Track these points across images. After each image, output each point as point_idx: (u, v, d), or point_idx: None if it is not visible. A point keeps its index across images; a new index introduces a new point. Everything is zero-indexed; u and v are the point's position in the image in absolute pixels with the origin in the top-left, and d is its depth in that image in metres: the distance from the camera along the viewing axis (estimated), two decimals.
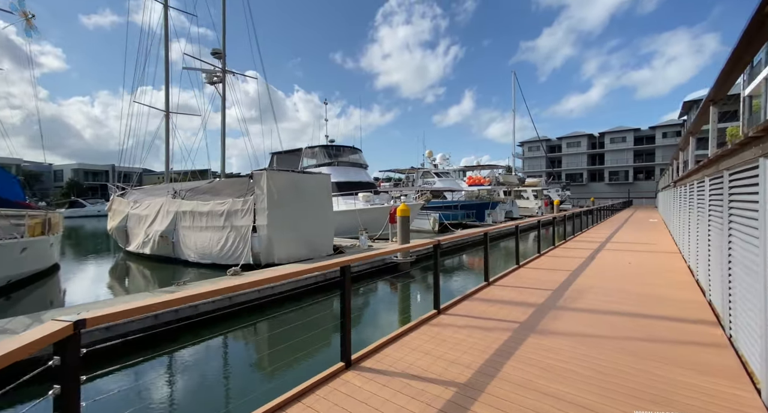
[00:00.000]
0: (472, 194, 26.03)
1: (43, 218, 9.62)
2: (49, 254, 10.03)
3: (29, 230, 8.45)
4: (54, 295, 8.75)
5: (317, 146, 17.65)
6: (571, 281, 5.74)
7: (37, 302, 7.98)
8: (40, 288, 8.84)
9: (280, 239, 9.39)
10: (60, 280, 10.02)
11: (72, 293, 8.92)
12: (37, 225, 8.87)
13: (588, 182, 58.29)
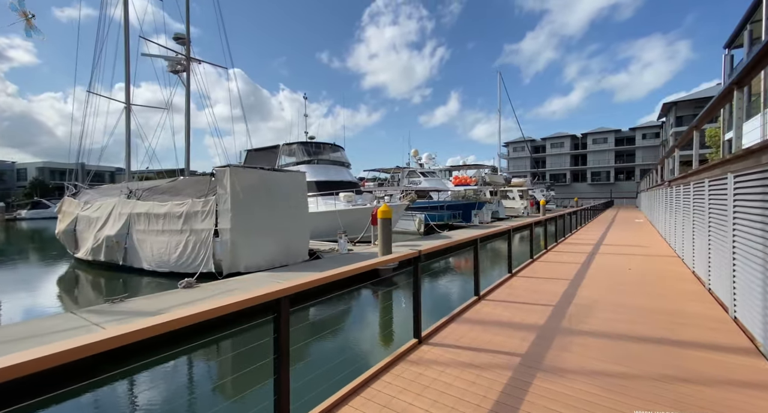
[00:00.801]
0: (458, 195, 25.47)
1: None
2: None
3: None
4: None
5: (295, 142, 16.59)
6: (571, 294, 5.00)
7: None
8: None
9: (246, 244, 8.36)
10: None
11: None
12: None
13: (571, 182, 58.96)
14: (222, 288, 6.43)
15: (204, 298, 5.82)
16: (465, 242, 4.53)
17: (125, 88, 14.45)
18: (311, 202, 15.07)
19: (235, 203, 8.30)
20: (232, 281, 7.11)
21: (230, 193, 8.26)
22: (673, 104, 38.43)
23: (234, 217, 8.26)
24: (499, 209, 27.80)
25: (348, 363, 4.66)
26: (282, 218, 9.24)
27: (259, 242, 8.60)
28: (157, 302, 5.66)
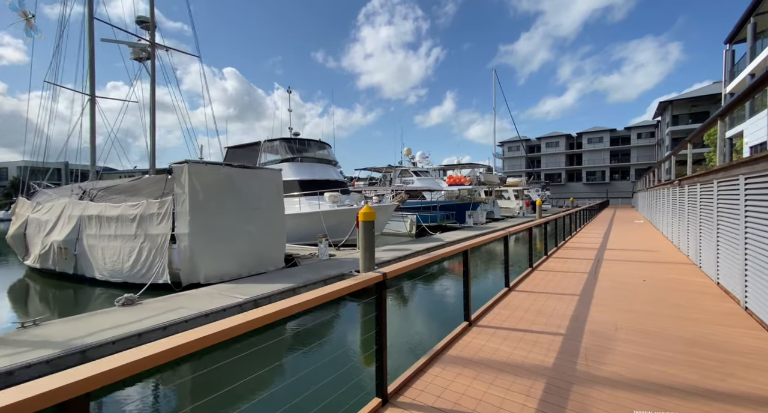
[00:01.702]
0: (452, 194, 24.54)
1: None
2: None
3: None
4: None
5: (277, 138, 15.53)
6: (582, 317, 4.06)
7: None
8: None
9: (207, 251, 7.33)
10: None
11: None
12: None
13: (566, 181, 58.45)
14: (166, 307, 5.41)
15: (138, 320, 4.79)
16: (448, 255, 3.58)
17: (89, 79, 13.30)
18: (294, 203, 14.07)
19: (194, 205, 7.27)
20: (183, 297, 6.08)
21: (188, 193, 7.23)
22: (668, 103, 37.94)
23: (192, 220, 7.23)
24: (494, 210, 26.95)
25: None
26: (252, 221, 8.22)
27: (223, 249, 7.57)
28: (81, 326, 4.63)
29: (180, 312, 5.12)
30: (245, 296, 5.92)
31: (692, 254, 7.15)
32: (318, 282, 7.13)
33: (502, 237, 5.11)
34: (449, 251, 3.42)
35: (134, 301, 5.65)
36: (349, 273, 7.77)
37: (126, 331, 4.35)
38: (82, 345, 3.93)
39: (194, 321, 4.88)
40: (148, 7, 11.69)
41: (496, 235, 4.82)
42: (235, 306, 5.50)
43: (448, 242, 12.83)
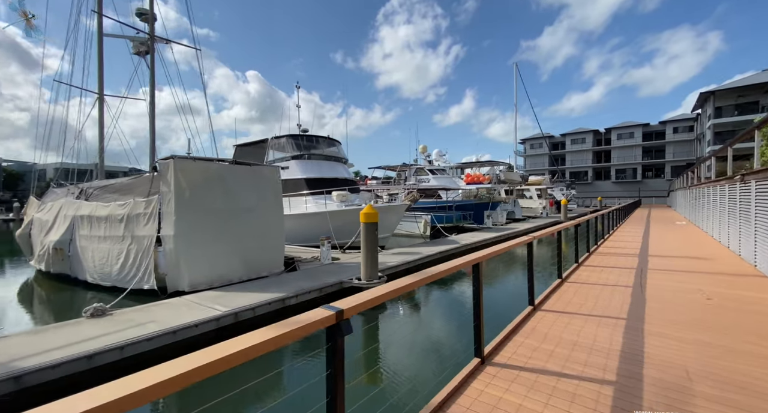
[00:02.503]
0: (470, 194, 23.33)
1: None
2: None
3: None
4: None
5: (285, 135, 14.93)
6: (636, 353, 3.05)
7: None
8: None
9: (193, 256, 6.70)
10: None
11: None
12: None
13: (593, 180, 55.49)
14: (136, 319, 4.77)
15: (100, 335, 4.15)
16: (447, 273, 2.68)
17: (98, 77, 13.15)
18: (300, 202, 13.43)
19: (180, 204, 6.66)
20: (160, 307, 5.44)
21: (174, 191, 6.62)
22: (710, 93, 34.95)
23: (178, 221, 6.61)
24: (515, 210, 25.51)
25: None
26: (245, 222, 7.54)
27: (211, 253, 6.92)
28: (37, 341, 4.03)
29: (148, 326, 4.45)
30: (226, 308, 5.21)
31: (763, 265, 5.87)
32: (312, 291, 6.34)
33: (525, 244, 4.11)
34: (451, 267, 2.50)
35: (105, 312, 5.04)
36: (349, 281, 6.94)
37: (76, 351, 3.70)
38: (18, 369, 3.29)
39: (159, 338, 4.19)
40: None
41: (517, 242, 3.84)
42: (212, 320, 4.79)
43: (463, 245, 11.81)
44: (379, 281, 7.00)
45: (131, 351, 3.93)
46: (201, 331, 4.64)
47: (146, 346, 4.06)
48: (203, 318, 4.75)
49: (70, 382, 3.52)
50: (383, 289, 1.86)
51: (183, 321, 4.65)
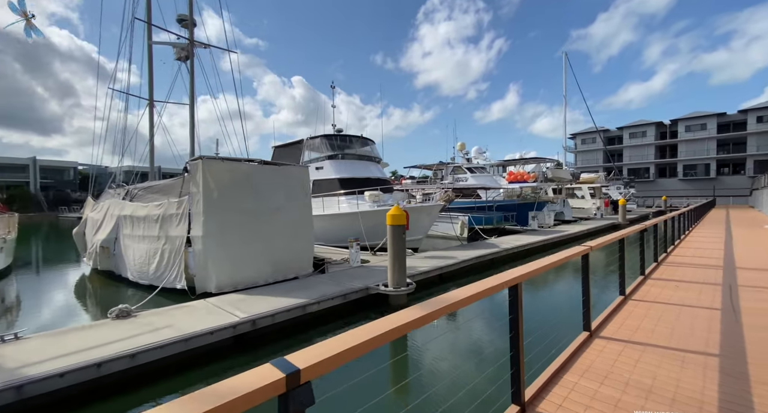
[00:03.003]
0: (512, 193, 21.86)
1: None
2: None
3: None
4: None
5: (319, 136, 14.89)
6: (742, 410, 2.22)
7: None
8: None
9: (220, 257, 6.64)
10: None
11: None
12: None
13: (656, 177, 50.05)
14: (155, 323, 4.69)
15: (116, 340, 4.08)
16: (475, 299, 2.07)
17: (148, 84, 13.96)
18: (334, 202, 13.26)
19: (208, 205, 6.63)
20: (180, 311, 5.36)
21: (202, 192, 6.61)
22: None
23: (206, 222, 6.59)
24: (564, 210, 23.54)
25: None
26: (272, 223, 7.39)
27: (238, 255, 6.83)
28: (56, 344, 4.05)
29: (163, 332, 4.33)
30: (246, 314, 4.98)
31: None
32: (336, 297, 5.97)
33: (579, 256, 3.34)
34: (475, 294, 1.89)
35: (129, 313, 5.05)
36: (375, 287, 6.48)
37: (88, 357, 3.60)
38: (20, 378, 3.21)
39: (170, 346, 4.02)
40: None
41: (569, 255, 3.10)
42: (228, 327, 4.57)
43: (504, 249, 10.85)
44: (407, 289, 6.46)
45: (143, 359, 3.79)
46: (216, 339, 4.43)
47: (158, 353, 3.90)
48: (218, 324, 4.55)
49: (81, 391, 3.42)
50: (355, 338, 1.25)
51: (199, 327, 4.47)
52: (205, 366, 4.31)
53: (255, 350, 4.83)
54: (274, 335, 5.17)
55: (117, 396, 3.61)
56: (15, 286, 9.50)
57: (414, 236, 12.07)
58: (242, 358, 4.65)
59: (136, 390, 3.73)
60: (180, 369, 4.12)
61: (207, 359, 4.39)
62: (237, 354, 4.68)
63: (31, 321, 6.61)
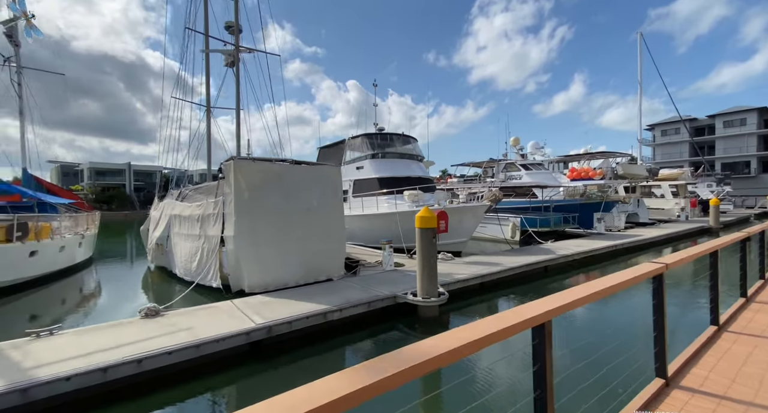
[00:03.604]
0: (574, 192, 19.62)
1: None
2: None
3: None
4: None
5: (360, 135, 14.70)
6: None
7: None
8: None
9: (251, 257, 6.64)
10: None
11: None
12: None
13: (759, 172, 42.02)
14: (178, 324, 4.71)
15: (137, 341, 4.12)
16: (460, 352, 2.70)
17: (205, 91, 14.93)
18: (373, 202, 12.95)
19: (240, 205, 6.66)
20: (205, 312, 5.36)
21: (234, 192, 6.66)
22: None
23: (237, 222, 6.63)
24: (638, 211, 20.69)
25: None
26: (303, 224, 7.24)
27: (269, 255, 6.77)
28: (84, 341, 4.20)
29: (178, 335, 4.29)
30: (264, 319, 4.80)
31: None
32: (359, 305, 5.56)
33: (649, 277, 2.47)
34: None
35: (158, 312, 5.18)
36: (403, 295, 5.94)
37: (92, 361, 3.57)
38: (26, 381, 3.24)
39: (179, 352, 3.93)
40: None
41: (628, 279, 2.27)
42: (241, 334, 4.40)
43: (561, 256, 9.57)
44: (438, 300, 5.82)
45: (150, 365, 3.73)
46: (228, 346, 4.28)
47: (166, 360, 3.83)
48: (231, 331, 4.40)
49: (89, 395, 3.43)
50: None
51: (214, 331, 4.37)
52: (216, 374, 4.16)
53: (272, 358, 4.62)
54: (294, 342, 4.92)
55: (124, 402, 3.58)
56: (88, 277, 10.66)
57: (456, 239, 11.28)
58: (258, 366, 4.45)
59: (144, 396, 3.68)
60: (187, 376, 4.01)
61: (220, 366, 4.25)
62: (254, 361, 4.50)
63: (80, 313, 7.25)
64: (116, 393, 3.58)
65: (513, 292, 7.87)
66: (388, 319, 5.95)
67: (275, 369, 4.50)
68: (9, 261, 7.77)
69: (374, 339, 5.50)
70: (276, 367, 4.53)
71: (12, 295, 7.93)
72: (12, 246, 7.74)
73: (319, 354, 4.87)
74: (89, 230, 11.97)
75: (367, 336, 5.50)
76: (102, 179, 52.46)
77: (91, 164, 52.23)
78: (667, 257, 2.48)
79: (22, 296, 8.07)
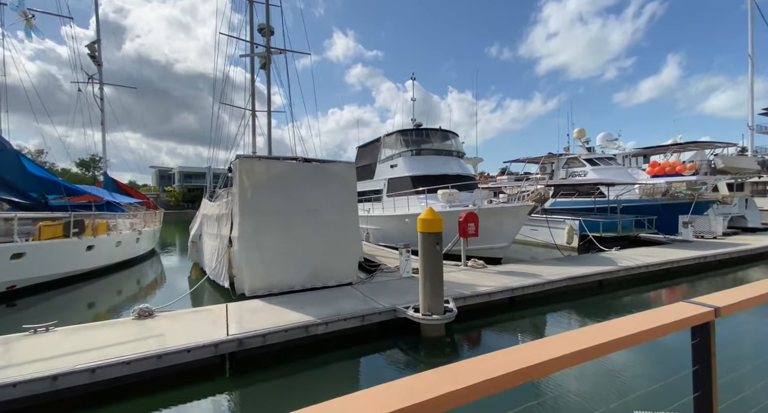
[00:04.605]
0: (655, 190, 16.43)
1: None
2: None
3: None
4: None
5: (395, 131, 13.98)
6: None
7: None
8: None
9: (254, 259, 6.40)
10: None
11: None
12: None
13: None
14: (159, 328, 4.55)
15: (113, 344, 4.01)
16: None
17: (251, 95, 15.59)
18: (405, 201, 12.16)
19: (243, 205, 6.46)
20: (191, 316, 5.17)
21: (238, 192, 6.50)
22: None
23: (241, 223, 6.44)
24: (746, 214, 16.77)
25: None
26: (312, 225, 6.82)
27: (273, 258, 6.46)
28: (74, 339, 4.23)
29: (147, 342, 4.09)
30: (241, 330, 4.42)
31: None
32: (351, 318, 4.90)
33: (691, 326, 1.41)
34: None
35: (151, 313, 5.13)
36: (404, 309, 5.11)
37: (41, 369, 3.42)
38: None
39: (138, 362, 3.69)
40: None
41: (652, 327, 1.27)
42: (210, 346, 4.05)
43: (623, 268, 7.80)
44: (443, 318, 4.88)
45: (103, 375, 3.53)
46: (194, 357, 3.96)
47: (123, 370, 3.61)
48: (200, 341, 4.07)
49: (37, 404, 3.32)
50: None
51: (186, 340, 4.09)
52: (178, 387, 3.86)
53: (243, 375, 4.20)
54: (270, 358, 4.46)
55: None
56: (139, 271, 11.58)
57: (495, 243, 9.99)
58: (226, 383, 4.06)
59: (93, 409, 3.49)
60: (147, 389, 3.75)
61: (184, 379, 3.94)
62: (222, 376, 4.13)
63: (105, 307, 7.72)
64: (65, 404, 3.44)
65: (555, 310, 6.51)
66: (389, 335, 5.20)
67: (245, 387, 4.07)
68: (66, 255, 8.69)
69: (368, 358, 4.80)
70: (246, 385, 4.10)
71: (72, 284, 8.86)
72: (68, 241, 8.65)
73: (295, 374, 4.35)
74: (148, 227, 13.17)
75: (359, 354, 4.82)
76: (189, 181, 59.41)
77: (180, 168, 59.37)
78: (721, 295, 1.37)
79: (84, 285, 8.97)
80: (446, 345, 5.05)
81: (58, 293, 8.26)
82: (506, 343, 5.59)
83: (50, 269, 8.25)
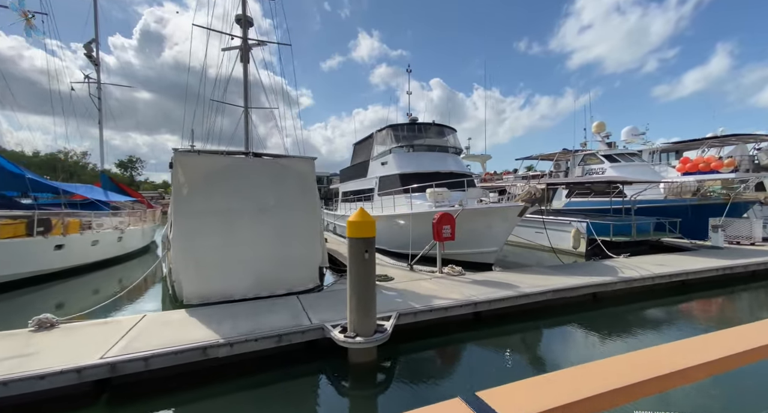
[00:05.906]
0: (683, 189, 14.56)
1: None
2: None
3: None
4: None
5: (386, 126, 13.09)
6: None
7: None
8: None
9: (188, 264, 5.77)
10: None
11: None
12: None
13: None
14: (38, 345, 3.98)
15: None
16: None
17: (244, 92, 15.23)
18: (388, 201, 11.28)
19: (178, 204, 5.85)
20: (100, 329, 4.59)
21: (173, 190, 5.92)
22: None
23: (175, 224, 5.84)
24: None
25: None
26: (259, 227, 6.13)
27: (210, 263, 5.80)
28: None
29: (9, 363, 3.51)
30: (120, 353, 3.74)
31: None
32: (261, 339, 4.12)
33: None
34: None
35: (54, 324, 4.58)
36: (331, 328, 4.27)
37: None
38: None
39: None
40: None
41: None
42: (70, 372, 3.40)
43: (623, 279, 6.57)
44: (369, 340, 3.99)
45: None
46: (51, 385, 3.33)
47: None
48: (58, 367, 3.42)
49: None
50: None
51: (59, 362, 3.48)
52: None
53: (121, 406, 3.53)
54: (157, 384, 3.76)
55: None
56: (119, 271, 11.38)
57: (483, 248, 8.96)
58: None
59: None
60: None
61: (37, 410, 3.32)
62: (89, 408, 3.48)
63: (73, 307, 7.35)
64: None
65: (528, 328, 5.46)
66: (315, 358, 4.39)
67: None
68: (29, 254, 8.49)
69: (282, 386, 4.01)
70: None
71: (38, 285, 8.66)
72: (31, 240, 8.44)
73: (185, 404, 3.64)
74: (135, 226, 13.06)
75: (272, 381, 4.04)
76: None
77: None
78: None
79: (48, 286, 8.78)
80: (379, 370, 4.17)
81: (21, 293, 8.07)
82: (462, 367, 4.65)
83: (8, 268, 8.04)
